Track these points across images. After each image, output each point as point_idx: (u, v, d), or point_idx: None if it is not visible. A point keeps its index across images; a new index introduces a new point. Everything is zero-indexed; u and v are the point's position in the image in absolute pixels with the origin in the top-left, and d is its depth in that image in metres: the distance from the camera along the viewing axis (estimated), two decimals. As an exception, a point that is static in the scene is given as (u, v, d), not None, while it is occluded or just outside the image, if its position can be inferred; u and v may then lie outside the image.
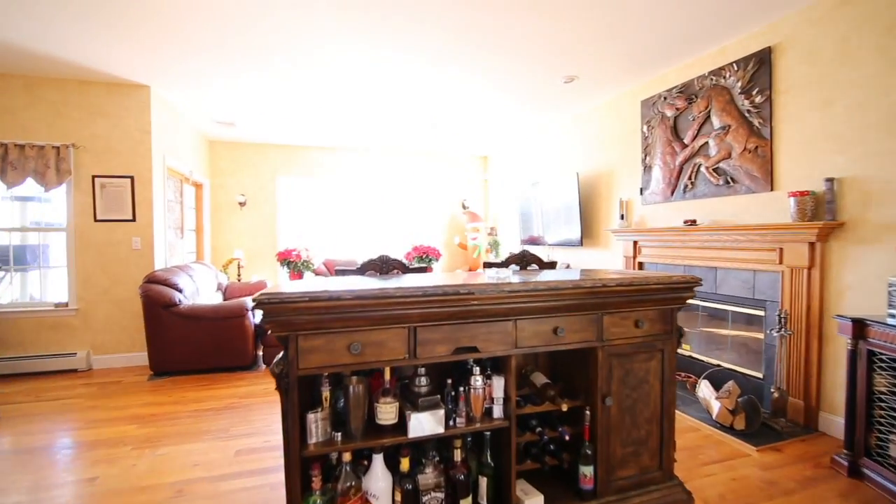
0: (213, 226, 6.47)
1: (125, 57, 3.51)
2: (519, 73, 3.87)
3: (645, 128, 4.06)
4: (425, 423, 1.47)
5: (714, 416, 2.77)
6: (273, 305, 1.27)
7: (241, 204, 6.57)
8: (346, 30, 3.06)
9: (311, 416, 1.41)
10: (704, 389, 2.94)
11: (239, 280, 6.33)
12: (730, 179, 3.26)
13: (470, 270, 7.32)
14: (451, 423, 1.54)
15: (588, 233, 4.99)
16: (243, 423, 2.88)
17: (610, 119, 4.60)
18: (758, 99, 3.04)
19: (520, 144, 6.58)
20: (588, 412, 1.72)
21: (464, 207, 7.73)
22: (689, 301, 1.94)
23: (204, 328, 3.82)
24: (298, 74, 3.87)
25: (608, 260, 4.67)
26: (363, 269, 1.98)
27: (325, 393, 1.46)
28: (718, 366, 3.36)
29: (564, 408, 1.69)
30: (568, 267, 5.22)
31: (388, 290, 1.36)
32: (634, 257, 4.16)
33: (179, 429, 2.80)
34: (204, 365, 3.89)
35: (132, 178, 4.10)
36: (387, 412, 1.47)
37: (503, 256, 7.17)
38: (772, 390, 2.80)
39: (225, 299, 5.27)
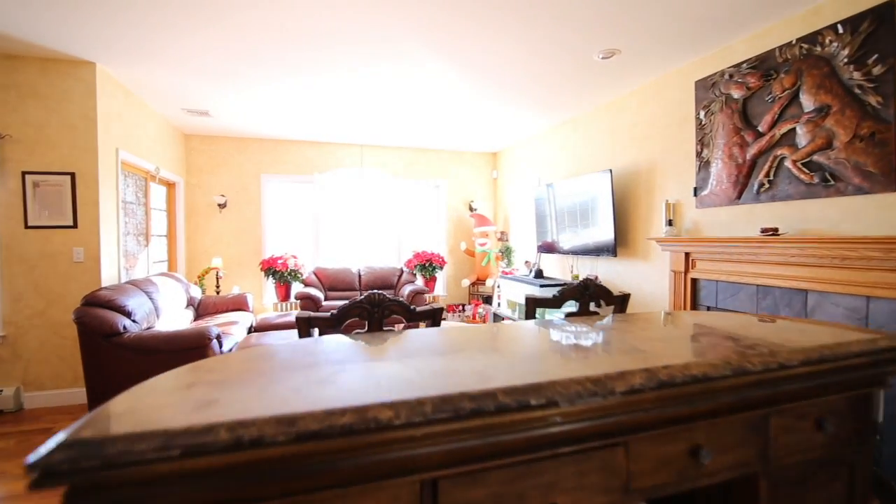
0: (188, 231, 5.70)
1: (62, 23, 2.75)
2: (546, 49, 3.11)
3: (702, 114, 3.31)
4: None
5: (834, 502, 2.02)
6: (90, 475, 0.51)
7: (221, 205, 5.80)
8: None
9: None
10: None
11: (217, 293, 5.57)
12: (828, 176, 2.51)
13: (478, 280, 6.55)
14: None
15: (622, 241, 4.24)
16: None
17: (652, 105, 3.85)
18: (875, 70, 2.29)
19: (536, 138, 5.82)
20: (735, 583, 0.97)
21: (471, 209, 6.97)
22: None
23: (157, 362, 3.05)
24: (283, 55, 3.11)
25: (650, 275, 3.91)
26: (342, 317, 1.24)
27: None
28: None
29: (702, 586, 0.94)
30: (596, 278, 4.47)
31: (374, 416, 0.60)
32: (686, 273, 3.40)
33: (99, 516, 2.04)
34: (158, 406, 3.13)
35: (73, 174, 3.35)
36: None
37: (516, 264, 6.41)
38: (910, 465, 2.05)
39: (197, 317, 4.53)
